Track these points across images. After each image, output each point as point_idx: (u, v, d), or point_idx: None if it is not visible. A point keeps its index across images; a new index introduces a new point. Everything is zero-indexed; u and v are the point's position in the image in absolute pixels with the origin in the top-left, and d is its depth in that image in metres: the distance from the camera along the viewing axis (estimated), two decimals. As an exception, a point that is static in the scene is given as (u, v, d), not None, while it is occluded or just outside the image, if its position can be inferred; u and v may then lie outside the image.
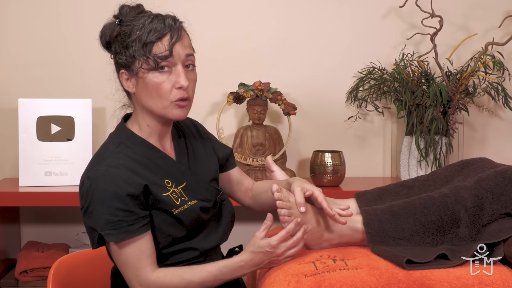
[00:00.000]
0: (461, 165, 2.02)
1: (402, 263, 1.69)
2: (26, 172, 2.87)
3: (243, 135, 3.01)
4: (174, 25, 1.78)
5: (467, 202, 1.83)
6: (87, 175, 1.77)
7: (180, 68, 1.79)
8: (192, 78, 1.82)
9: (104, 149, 1.85)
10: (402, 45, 3.09)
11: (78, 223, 3.11)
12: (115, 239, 1.74)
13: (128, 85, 1.84)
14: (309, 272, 1.71)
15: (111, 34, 1.84)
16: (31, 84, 3.11)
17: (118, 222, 1.72)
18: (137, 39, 1.77)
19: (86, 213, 1.76)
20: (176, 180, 1.85)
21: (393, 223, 1.85)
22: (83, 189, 1.77)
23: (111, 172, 1.74)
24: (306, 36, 3.17)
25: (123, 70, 1.83)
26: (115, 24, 1.84)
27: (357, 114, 3.15)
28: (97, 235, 1.75)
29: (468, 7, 3.17)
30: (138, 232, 1.74)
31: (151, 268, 1.76)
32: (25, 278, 2.84)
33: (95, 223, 1.74)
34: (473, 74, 2.92)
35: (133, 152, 1.82)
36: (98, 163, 1.78)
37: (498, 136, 3.22)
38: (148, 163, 1.82)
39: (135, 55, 1.77)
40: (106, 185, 1.73)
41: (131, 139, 1.84)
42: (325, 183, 2.94)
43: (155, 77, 1.78)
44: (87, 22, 3.11)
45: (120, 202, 1.72)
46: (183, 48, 1.79)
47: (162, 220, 1.80)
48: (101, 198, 1.72)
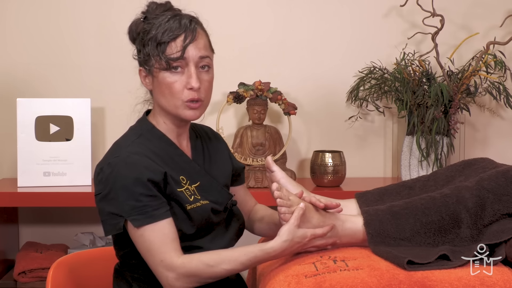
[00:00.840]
0: (463, 165, 2.03)
1: (403, 264, 1.69)
2: (25, 172, 2.86)
3: (243, 135, 3.01)
4: (189, 26, 1.81)
5: (468, 203, 1.83)
6: (106, 161, 1.80)
7: (193, 69, 1.81)
8: (206, 79, 1.85)
9: (125, 138, 1.88)
10: (403, 45, 3.09)
11: (77, 224, 3.12)
12: (141, 224, 1.75)
13: (146, 82, 1.89)
14: (309, 272, 1.70)
15: (136, 30, 1.87)
16: (29, 84, 3.10)
17: (143, 207, 1.75)
18: (153, 38, 1.81)
19: (106, 199, 1.78)
20: (191, 178, 1.88)
21: (394, 223, 1.85)
22: (102, 175, 1.79)
23: (132, 159, 1.77)
24: (306, 35, 3.17)
25: (141, 68, 1.88)
26: (140, 20, 1.87)
27: (357, 114, 3.14)
28: (122, 220, 1.76)
29: (469, 6, 3.17)
30: (163, 217, 1.76)
31: (175, 253, 1.77)
32: (24, 279, 2.83)
33: (119, 209, 1.76)
34: (474, 73, 2.92)
35: (152, 145, 1.85)
36: (119, 150, 1.82)
37: (500, 136, 3.22)
38: (166, 157, 1.85)
39: (150, 53, 1.81)
40: (127, 171, 1.75)
41: (151, 132, 1.88)
42: (326, 184, 2.94)
43: (167, 76, 1.81)
44: (86, 22, 3.11)
45: (143, 187, 1.75)
46: (197, 50, 1.82)
47: (174, 214, 1.81)
48: (124, 184, 1.75)
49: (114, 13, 3.11)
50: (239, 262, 1.77)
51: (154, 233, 1.76)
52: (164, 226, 1.77)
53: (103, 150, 3.09)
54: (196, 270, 1.76)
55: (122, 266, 1.92)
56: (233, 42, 3.15)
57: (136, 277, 1.88)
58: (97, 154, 3.07)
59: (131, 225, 1.77)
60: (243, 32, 3.15)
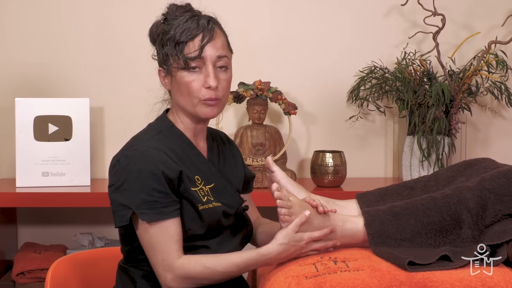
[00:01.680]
0: (464, 166, 2.03)
1: (404, 264, 1.68)
2: (23, 172, 2.86)
3: (243, 135, 3.00)
4: (207, 26, 1.86)
5: (469, 203, 1.83)
6: (124, 153, 1.82)
7: (210, 68, 1.85)
8: (224, 79, 1.88)
9: (144, 133, 1.91)
10: (404, 44, 3.09)
11: (76, 224, 3.12)
12: (148, 219, 1.77)
13: (165, 82, 1.92)
14: (309, 273, 1.70)
15: (156, 31, 1.90)
16: (28, 83, 3.10)
17: (153, 203, 1.77)
18: (172, 38, 1.84)
19: (118, 190, 1.80)
20: (206, 179, 1.90)
21: (394, 224, 1.85)
22: (118, 167, 1.81)
23: (150, 153, 1.80)
24: (306, 35, 3.17)
25: (160, 68, 1.91)
26: (160, 22, 1.90)
27: (358, 113, 3.14)
28: (130, 213, 1.78)
29: (471, 5, 3.16)
30: (171, 215, 1.78)
31: (177, 254, 1.79)
32: (22, 280, 2.82)
33: (129, 201, 1.78)
34: (476, 73, 2.91)
35: (171, 142, 1.88)
36: (137, 144, 1.84)
37: (501, 136, 3.21)
38: (183, 155, 1.87)
39: (169, 53, 1.85)
40: (144, 164, 1.78)
41: (170, 130, 1.91)
42: (326, 184, 2.94)
43: (185, 76, 1.85)
44: (85, 21, 3.11)
45: (157, 182, 1.77)
46: (214, 49, 1.86)
47: (186, 213, 1.83)
48: (138, 177, 1.77)
49: (113, 13, 3.10)
50: (235, 264, 1.78)
51: (160, 231, 1.78)
52: (171, 225, 1.78)
53: (102, 150, 3.11)
54: (194, 272, 1.78)
55: (127, 261, 1.92)
56: (233, 41, 3.11)
57: (141, 274, 1.88)
58: (96, 154, 3.08)
59: (138, 219, 1.79)
60: (243, 31, 3.15)
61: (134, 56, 3.07)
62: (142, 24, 3.17)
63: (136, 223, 1.81)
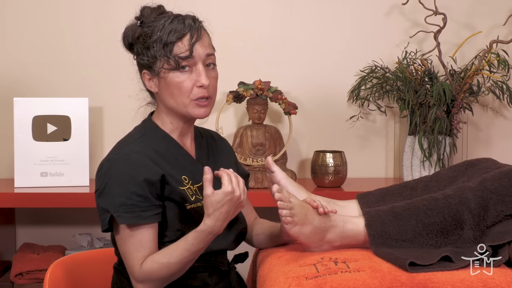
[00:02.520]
0: (465, 166, 2.02)
1: (405, 265, 1.68)
2: (22, 172, 2.86)
3: (243, 135, 3.00)
4: (194, 25, 1.86)
5: (471, 203, 1.82)
6: (107, 158, 1.84)
7: (201, 67, 1.86)
8: (213, 77, 1.89)
9: (128, 137, 1.92)
10: (405, 43, 3.08)
11: (75, 225, 3.12)
12: (125, 222, 1.78)
13: (150, 85, 1.91)
14: (310, 274, 1.70)
15: (133, 35, 1.90)
16: (26, 83, 3.10)
17: (131, 206, 1.78)
18: (158, 39, 1.84)
19: (101, 194, 1.82)
20: (193, 178, 1.90)
21: (395, 224, 1.84)
22: (101, 171, 1.83)
23: (131, 157, 1.81)
24: (307, 34, 3.17)
25: (145, 71, 1.90)
26: (136, 25, 1.91)
27: (359, 113, 3.14)
28: (109, 216, 1.80)
29: (472, 5, 3.16)
30: (149, 220, 1.79)
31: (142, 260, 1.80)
32: (21, 280, 2.82)
33: (108, 204, 1.80)
34: (477, 72, 2.91)
35: (155, 143, 1.89)
36: (120, 148, 1.86)
37: (503, 136, 3.21)
38: (168, 156, 1.88)
39: (156, 55, 1.85)
40: (124, 168, 1.80)
41: (155, 132, 1.91)
42: (327, 184, 2.93)
43: (176, 76, 1.85)
44: (84, 20, 3.11)
45: (136, 186, 1.78)
46: (203, 47, 1.86)
47: (174, 214, 1.84)
48: (118, 181, 1.79)
49: (112, 12, 3.10)
50: (184, 248, 1.77)
51: (132, 237, 1.80)
52: (146, 231, 1.80)
53: (101, 150, 3.11)
54: (151, 271, 1.78)
55: (121, 264, 1.92)
56: (233, 40, 3.15)
57: None
58: (95, 154, 3.08)
59: (116, 222, 1.81)
60: (243, 30, 3.15)
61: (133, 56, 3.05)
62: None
63: (115, 228, 1.83)
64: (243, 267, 2.20)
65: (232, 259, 2.05)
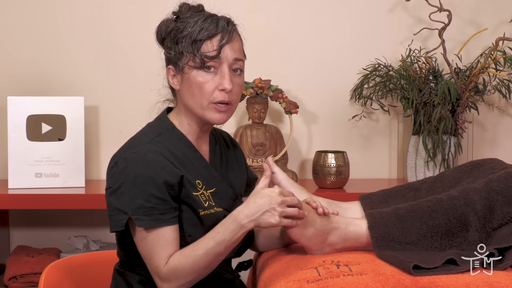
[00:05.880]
0: (471, 166, 2.02)
1: (408, 268, 1.68)
2: (16, 173, 2.85)
3: (243, 135, 3.00)
4: (227, 27, 1.86)
5: (476, 205, 1.82)
6: (122, 156, 1.81)
7: (226, 70, 1.84)
8: (237, 83, 1.87)
9: (143, 135, 1.89)
10: (409, 41, 3.08)
11: (70, 227, 3.12)
12: (144, 225, 1.76)
13: (173, 81, 1.90)
14: (311, 278, 1.70)
15: (166, 29, 1.90)
16: (20, 82, 3.10)
17: (150, 209, 1.76)
18: (188, 35, 1.84)
19: (115, 193, 1.79)
20: (207, 184, 1.89)
21: (399, 227, 1.84)
22: (116, 169, 1.80)
23: (150, 157, 1.79)
24: (308, 31, 3.17)
25: (170, 66, 1.90)
26: (171, 20, 1.91)
27: (361, 112, 3.14)
28: (126, 218, 1.78)
29: (477, 1, 3.17)
30: (168, 222, 1.78)
31: (168, 260, 1.79)
32: (15, 284, 2.82)
33: (125, 205, 1.78)
34: (483, 71, 2.90)
35: (171, 145, 1.87)
36: (136, 146, 1.83)
37: (509, 136, 3.21)
38: (184, 159, 1.87)
39: (183, 51, 1.84)
40: (143, 169, 1.77)
41: (171, 132, 1.90)
42: (328, 185, 2.93)
43: (199, 75, 1.84)
44: (79, 18, 3.11)
45: (156, 188, 1.76)
46: (232, 51, 1.85)
47: (187, 218, 1.83)
48: (136, 182, 1.76)
49: (108, 10, 3.11)
50: (210, 238, 1.74)
51: (157, 237, 1.77)
52: (168, 231, 1.78)
53: (97, 151, 3.13)
54: (178, 265, 1.75)
55: (124, 265, 1.92)
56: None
57: (138, 279, 1.88)
58: (91, 154, 3.09)
59: (134, 225, 1.79)
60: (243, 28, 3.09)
61: (129, 54, 3.09)
62: (138, 21, 3.17)
63: (133, 229, 1.81)
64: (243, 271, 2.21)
65: (235, 267, 2.05)
